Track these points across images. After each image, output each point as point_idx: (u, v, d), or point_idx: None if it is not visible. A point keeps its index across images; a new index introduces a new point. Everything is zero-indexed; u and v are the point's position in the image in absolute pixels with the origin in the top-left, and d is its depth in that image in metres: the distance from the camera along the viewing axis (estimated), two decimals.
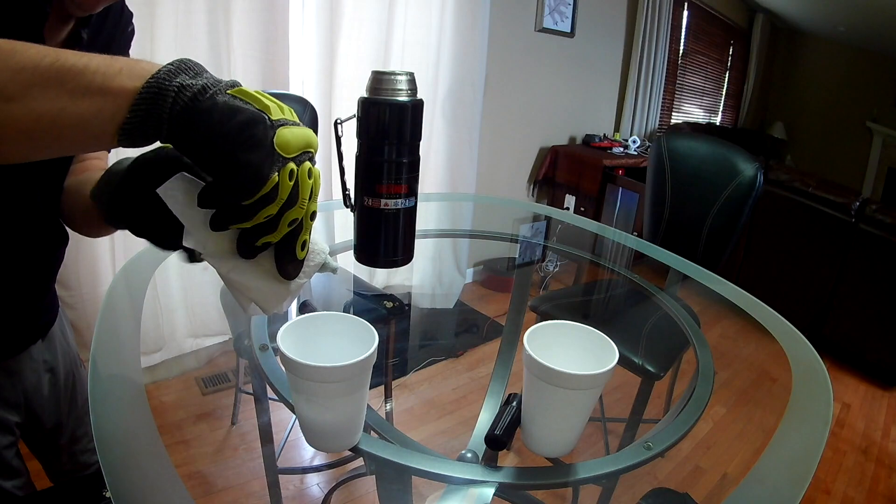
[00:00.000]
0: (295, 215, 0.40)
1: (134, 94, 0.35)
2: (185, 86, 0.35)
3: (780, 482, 0.57)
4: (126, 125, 0.35)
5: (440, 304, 2.73)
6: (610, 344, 0.54)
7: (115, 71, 0.35)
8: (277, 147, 0.36)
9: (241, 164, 0.36)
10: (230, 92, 0.37)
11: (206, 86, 0.36)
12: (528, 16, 2.82)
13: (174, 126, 0.36)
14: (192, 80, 0.36)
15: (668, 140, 1.64)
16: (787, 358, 0.80)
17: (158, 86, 0.35)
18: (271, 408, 1.25)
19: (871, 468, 1.91)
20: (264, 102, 0.37)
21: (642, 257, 1.25)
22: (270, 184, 0.37)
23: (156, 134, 0.36)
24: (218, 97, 0.36)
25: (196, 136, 0.36)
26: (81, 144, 0.37)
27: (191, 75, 0.37)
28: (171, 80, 0.35)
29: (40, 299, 0.77)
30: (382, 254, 0.59)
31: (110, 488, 0.46)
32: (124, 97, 0.35)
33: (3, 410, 0.73)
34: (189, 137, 0.36)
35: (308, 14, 1.93)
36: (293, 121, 0.39)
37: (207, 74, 0.38)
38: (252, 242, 0.40)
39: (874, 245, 2.40)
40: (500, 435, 0.54)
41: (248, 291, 0.43)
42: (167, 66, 0.36)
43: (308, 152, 0.39)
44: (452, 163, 2.57)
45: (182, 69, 0.36)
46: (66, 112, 0.34)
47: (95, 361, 0.63)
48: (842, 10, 4.19)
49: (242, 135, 0.35)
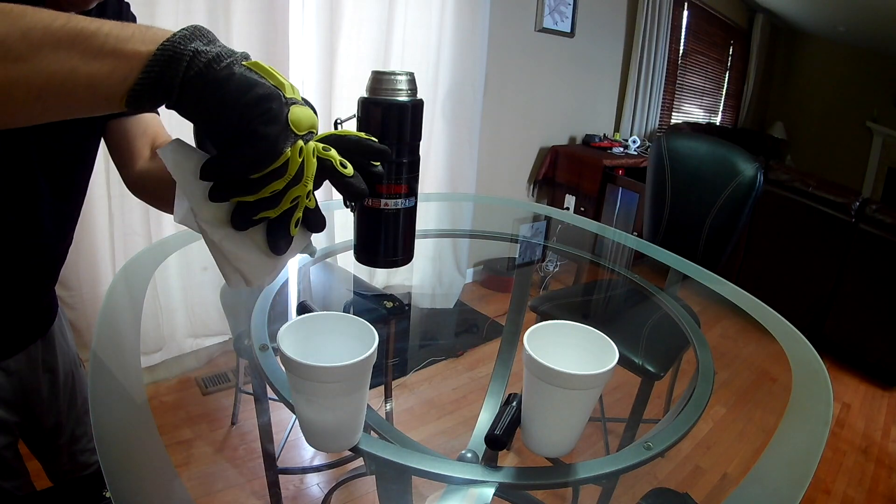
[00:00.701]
0: (298, 192, 0.40)
1: (147, 57, 0.34)
2: (200, 51, 0.35)
3: (780, 482, 0.57)
4: (136, 86, 0.35)
5: (440, 304, 2.73)
6: (610, 344, 0.54)
7: (128, 35, 0.35)
8: (291, 124, 0.37)
9: (259, 136, 0.36)
10: (246, 63, 0.37)
11: (221, 54, 0.36)
12: (528, 16, 2.82)
13: (186, 91, 0.35)
14: (206, 47, 0.36)
15: (668, 140, 1.64)
16: (787, 358, 0.80)
17: (174, 49, 0.35)
18: (271, 408, 1.25)
19: (871, 468, 1.91)
20: (279, 79, 0.37)
21: (642, 257, 1.25)
22: (283, 158, 0.37)
23: (165, 97, 0.36)
24: (235, 67, 0.36)
25: (210, 104, 0.36)
26: (89, 106, 0.36)
27: (205, 42, 0.36)
28: (186, 44, 0.35)
29: (40, 299, 0.77)
30: (382, 254, 0.59)
31: (110, 488, 0.46)
32: (137, 60, 0.34)
33: (1, 410, 0.73)
34: (202, 104, 0.36)
35: (308, 14, 1.93)
36: (302, 100, 0.39)
37: (220, 43, 0.37)
38: (250, 216, 0.40)
39: (874, 245, 2.40)
40: (500, 435, 0.54)
41: (236, 261, 0.43)
42: (182, 30, 0.36)
43: (312, 132, 0.40)
44: (452, 163, 2.57)
45: (197, 35, 0.36)
46: (77, 73, 0.34)
47: (95, 361, 0.63)
48: (842, 10, 4.19)
49: (260, 107, 0.35)
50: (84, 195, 0.75)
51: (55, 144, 0.65)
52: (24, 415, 0.78)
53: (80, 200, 0.75)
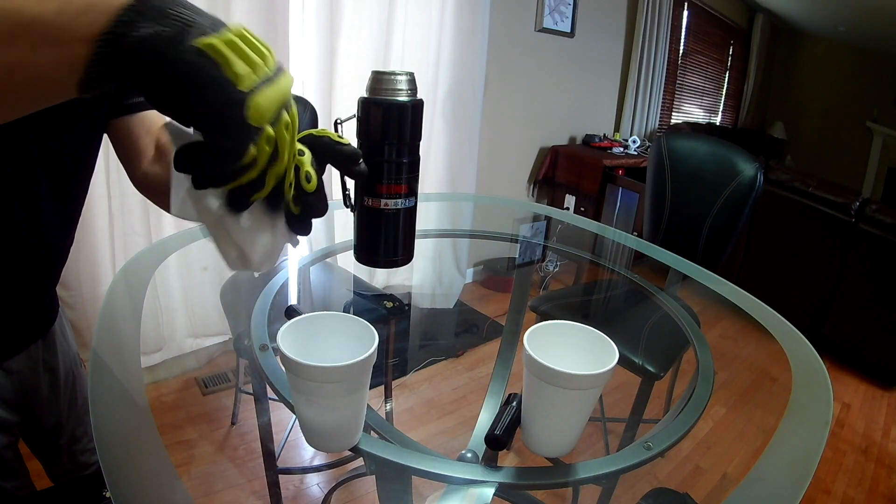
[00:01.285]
0: (279, 170, 0.39)
1: (91, 39, 0.31)
2: (145, 38, 0.31)
3: (780, 482, 0.57)
4: (89, 75, 0.32)
5: (440, 304, 2.73)
6: (610, 344, 0.54)
7: (71, 16, 0.31)
8: (252, 121, 0.34)
9: (217, 150, 0.34)
10: (199, 44, 0.32)
11: (168, 38, 0.32)
12: (528, 16, 2.82)
13: (137, 78, 0.33)
14: (155, 28, 0.32)
15: (668, 140, 1.64)
16: (787, 358, 0.80)
17: (117, 37, 0.31)
18: (271, 408, 1.25)
19: (871, 468, 1.91)
20: (237, 70, 0.33)
21: (642, 257, 1.25)
22: (248, 158, 0.36)
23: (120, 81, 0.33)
24: (185, 56, 0.32)
25: (163, 104, 0.34)
26: (39, 100, 0.35)
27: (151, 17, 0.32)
28: (132, 30, 0.31)
29: (42, 299, 0.77)
30: (382, 254, 0.59)
31: (110, 488, 0.46)
32: (81, 43, 0.31)
33: (2, 410, 0.73)
34: (156, 101, 0.34)
35: (308, 14, 1.93)
36: (268, 74, 0.35)
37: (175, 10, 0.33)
38: (242, 199, 0.39)
39: (874, 245, 2.40)
40: (500, 435, 0.54)
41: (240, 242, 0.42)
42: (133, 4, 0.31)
43: (287, 103, 0.37)
44: (452, 163, 2.57)
45: (143, 12, 0.32)
46: (22, 65, 0.32)
47: (95, 361, 0.63)
48: (842, 10, 4.19)
49: (214, 118, 0.33)
50: (85, 195, 0.75)
51: (56, 144, 0.65)
52: (25, 414, 0.78)
53: (82, 200, 0.75)
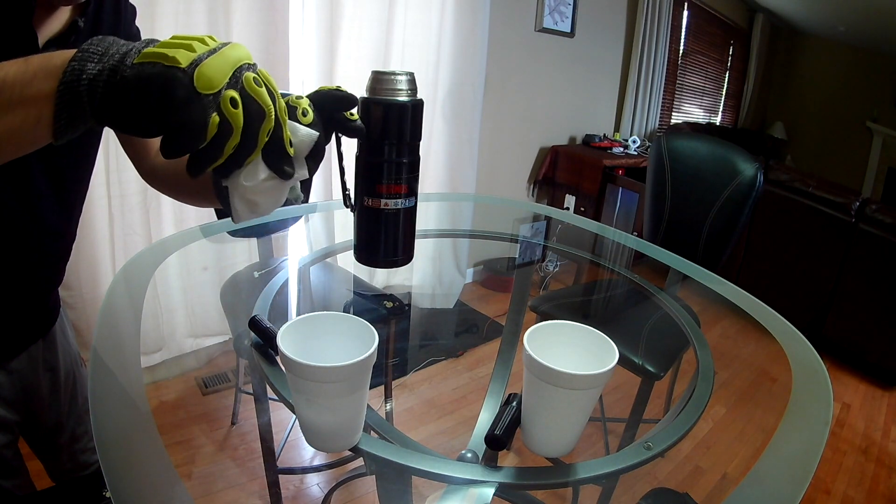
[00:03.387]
0: (267, 126, 0.39)
1: (49, 95, 0.35)
2: (93, 78, 0.35)
3: (780, 482, 0.57)
4: (56, 129, 0.36)
5: (440, 304, 2.72)
6: (610, 344, 0.54)
7: (30, 76, 0.35)
8: (202, 90, 0.35)
9: (174, 128, 0.35)
10: (136, 61, 0.35)
11: (112, 68, 0.35)
12: (528, 16, 2.82)
13: (101, 118, 0.36)
14: (99, 66, 0.35)
15: (668, 140, 1.64)
16: (787, 358, 0.80)
17: (70, 88, 0.35)
18: (271, 408, 1.25)
19: (871, 468, 1.91)
20: (170, 54, 0.35)
21: (642, 257, 1.25)
22: (213, 126, 0.36)
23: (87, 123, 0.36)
24: (127, 73, 0.35)
25: (125, 121, 0.36)
26: (17, 152, 0.38)
27: (96, 59, 0.35)
28: (81, 75, 0.35)
29: (45, 299, 0.77)
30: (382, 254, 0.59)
31: (110, 488, 0.46)
32: (43, 101, 0.35)
33: (2, 409, 0.73)
34: (120, 123, 0.36)
35: (308, 14, 1.93)
36: (210, 49, 0.37)
37: (114, 49, 0.36)
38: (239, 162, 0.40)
39: (874, 245, 2.40)
40: (500, 435, 0.54)
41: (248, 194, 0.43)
42: (76, 55, 0.35)
43: (243, 66, 0.38)
44: (452, 163, 2.57)
45: (87, 57, 0.35)
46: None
47: (95, 362, 0.63)
48: (842, 10, 4.19)
49: (163, 102, 0.34)
50: (85, 192, 0.75)
51: None
52: (25, 414, 0.78)
53: (82, 197, 0.75)
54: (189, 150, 0.37)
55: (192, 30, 1.64)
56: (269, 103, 0.38)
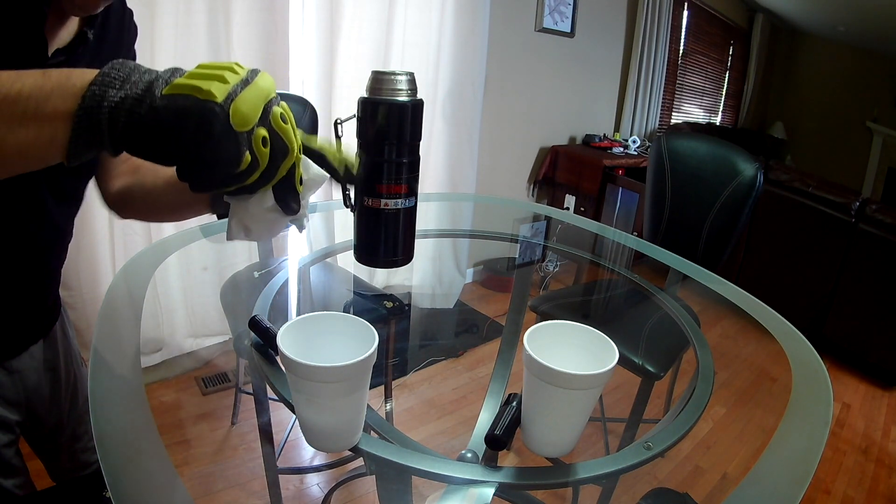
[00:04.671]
0: (288, 163, 0.39)
1: (67, 116, 0.34)
2: (115, 105, 0.34)
3: (780, 482, 0.57)
4: (71, 152, 0.35)
5: (440, 304, 2.72)
6: (610, 344, 0.54)
7: (47, 93, 0.34)
8: (237, 126, 0.35)
9: (207, 163, 0.35)
10: (166, 91, 0.34)
11: (137, 97, 0.34)
12: (528, 16, 2.82)
13: (121, 144, 0.35)
14: (122, 93, 0.34)
15: (668, 140, 1.64)
16: (787, 358, 0.80)
17: (89, 113, 0.34)
18: (271, 408, 1.25)
19: (871, 468, 1.91)
20: (204, 88, 0.34)
21: (642, 257, 1.25)
22: (245, 163, 0.36)
23: (103, 149, 0.35)
24: (157, 104, 0.34)
25: (152, 151, 0.35)
26: (24, 169, 0.37)
27: (118, 86, 0.34)
28: (102, 101, 0.34)
29: (44, 300, 0.78)
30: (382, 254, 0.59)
31: (110, 488, 0.46)
32: (59, 120, 0.34)
33: (3, 409, 0.73)
34: (144, 151, 0.35)
35: (308, 14, 1.93)
36: (242, 79, 0.36)
37: (136, 75, 0.35)
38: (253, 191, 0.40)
39: (874, 245, 2.40)
40: (500, 435, 0.54)
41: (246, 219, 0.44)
42: (96, 79, 0.34)
43: (272, 100, 0.38)
44: (452, 163, 2.57)
45: (108, 82, 0.34)
46: (6, 142, 0.34)
47: (95, 361, 0.63)
48: (842, 10, 4.19)
49: (199, 137, 0.34)
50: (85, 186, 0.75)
51: None
52: (26, 413, 0.78)
53: (82, 192, 0.75)
54: (217, 185, 0.37)
55: (192, 30, 1.64)
56: (293, 141, 0.39)
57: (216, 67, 0.36)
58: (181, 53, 1.64)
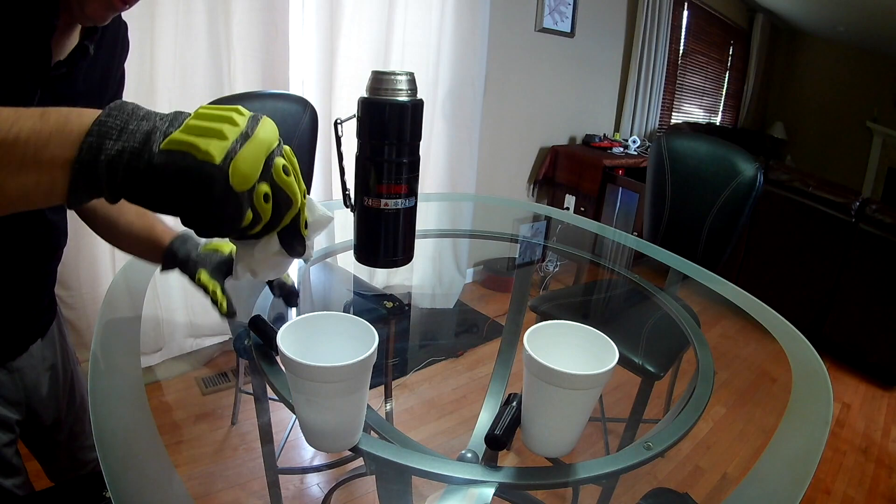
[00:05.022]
0: (292, 213, 0.39)
1: (65, 164, 0.33)
2: (112, 158, 0.33)
3: (780, 482, 0.57)
4: (71, 199, 0.35)
5: (440, 304, 2.72)
6: (610, 344, 0.54)
7: (45, 139, 0.33)
8: (237, 187, 0.34)
9: (211, 223, 0.35)
10: (164, 146, 0.33)
11: (135, 151, 0.33)
12: (528, 16, 2.82)
13: (119, 193, 0.35)
14: (119, 145, 0.33)
15: (668, 140, 1.64)
16: (787, 358, 0.80)
17: (86, 166, 0.33)
18: (271, 408, 1.25)
19: (871, 468, 1.91)
20: (202, 147, 0.33)
21: (642, 257, 1.25)
22: (247, 221, 0.36)
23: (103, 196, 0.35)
24: (155, 161, 0.33)
25: (151, 204, 0.35)
26: (27, 208, 0.37)
27: (115, 136, 0.34)
28: (99, 154, 0.33)
29: (42, 299, 0.78)
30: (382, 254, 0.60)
31: (110, 488, 0.46)
32: (58, 168, 0.33)
33: (3, 408, 0.74)
34: (144, 203, 0.35)
35: (308, 14, 1.93)
36: (241, 133, 0.35)
37: (134, 123, 0.34)
38: (257, 238, 0.41)
39: (874, 245, 2.40)
40: (500, 435, 0.54)
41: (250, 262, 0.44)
42: (92, 128, 0.33)
43: (273, 151, 0.37)
44: (452, 163, 2.57)
45: (105, 132, 0.34)
46: (6, 188, 0.33)
47: (96, 361, 0.63)
48: (842, 10, 4.19)
49: (198, 199, 0.34)
50: None
51: None
52: (25, 412, 0.79)
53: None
54: (220, 236, 0.38)
55: (192, 30, 1.64)
56: (297, 193, 0.38)
57: (216, 118, 0.35)
58: (181, 54, 1.64)
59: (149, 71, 1.59)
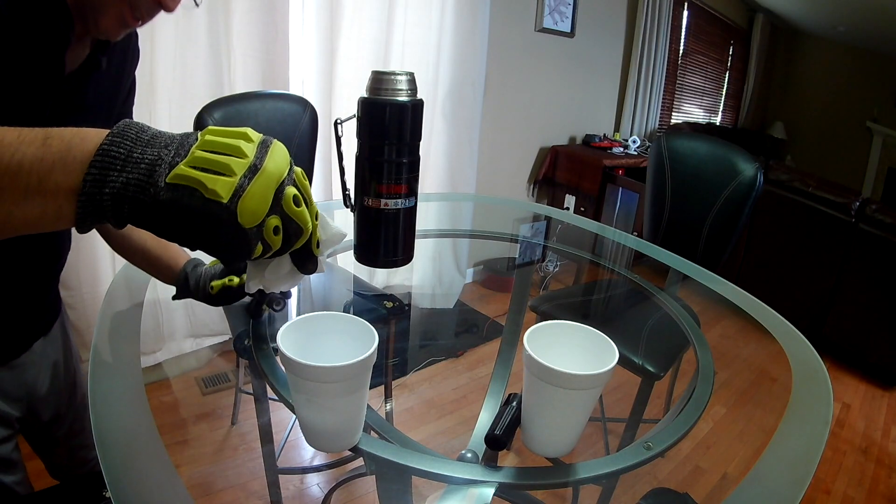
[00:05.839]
0: (303, 240, 0.39)
1: (70, 193, 0.33)
2: (117, 191, 0.32)
3: (780, 482, 0.57)
4: (79, 227, 0.34)
5: (440, 304, 2.72)
6: (610, 344, 0.54)
7: (49, 167, 0.32)
8: (246, 224, 0.34)
9: (222, 258, 0.37)
10: (170, 180, 0.33)
11: (139, 184, 0.33)
12: (528, 16, 2.82)
13: (126, 223, 0.34)
14: (123, 177, 0.33)
15: (668, 140, 1.64)
16: (787, 358, 0.80)
17: (91, 199, 0.33)
18: (271, 408, 1.25)
19: (871, 468, 1.91)
20: (209, 186, 0.32)
21: (642, 257, 1.25)
22: (256, 253, 0.36)
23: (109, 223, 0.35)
24: (161, 196, 0.32)
25: (158, 233, 0.34)
26: (35, 232, 0.36)
27: (118, 167, 0.33)
28: (103, 187, 0.32)
29: (45, 298, 0.78)
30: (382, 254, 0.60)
31: (110, 488, 0.46)
32: (63, 196, 0.33)
33: (4, 404, 0.74)
34: (151, 231, 0.35)
35: (308, 14, 1.93)
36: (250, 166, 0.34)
37: (138, 151, 0.34)
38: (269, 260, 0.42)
39: (874, 245, 2.40)
40: (500, 435, 0.54)
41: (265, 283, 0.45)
42: (95, 158, 0.33)
43: (283, 181, 0.36)
44: (452, 163, 2.57)
45: (109, 164, 0.33)
46: (13, 216, 0.33)
47: (96, 361, 0.63)
48: (842, 10, 4.19)
49: (206, 237, 0.34)
50: None
51: None
52: (26, 409, 0.79)
53: None
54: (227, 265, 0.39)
55: (192, 30, 1.64)
56: (308, 222, 0.38)
57: (223, 148, 0.34)
58: (181, 54, 1.64)
59: (149, 71, 1.59)
